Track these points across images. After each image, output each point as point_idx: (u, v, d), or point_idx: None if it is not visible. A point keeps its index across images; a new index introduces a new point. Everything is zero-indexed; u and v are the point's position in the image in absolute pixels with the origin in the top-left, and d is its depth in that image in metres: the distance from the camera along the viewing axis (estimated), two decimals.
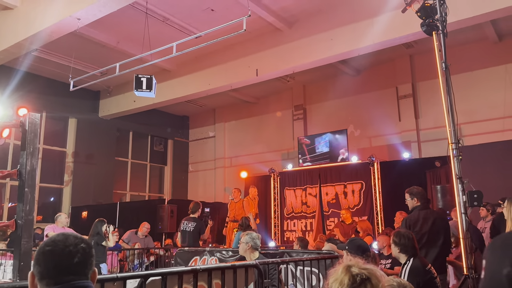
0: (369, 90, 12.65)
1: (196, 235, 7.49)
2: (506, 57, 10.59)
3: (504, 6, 7.50)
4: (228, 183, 15.04)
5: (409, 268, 3.52)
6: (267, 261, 3.95)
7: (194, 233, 7.44)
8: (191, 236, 7.43)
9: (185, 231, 7.56)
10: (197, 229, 7.51)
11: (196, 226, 7.56)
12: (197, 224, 7.59)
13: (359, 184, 10.73)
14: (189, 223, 7.62)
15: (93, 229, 7.30)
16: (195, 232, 7.47)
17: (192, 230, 7.49)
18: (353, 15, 9.13)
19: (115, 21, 9.66)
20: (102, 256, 7.16)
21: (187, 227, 7.59)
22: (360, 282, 1.51)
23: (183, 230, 7.62)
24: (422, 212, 4.74)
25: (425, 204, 4.86)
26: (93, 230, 7.30)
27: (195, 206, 7.80)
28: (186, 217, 7.88)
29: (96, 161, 14.06)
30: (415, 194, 4.85)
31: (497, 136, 9.57)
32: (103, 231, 7.32)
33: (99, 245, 7.13)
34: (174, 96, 12.43)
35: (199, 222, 7.70)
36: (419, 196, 4.84)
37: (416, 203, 4.82)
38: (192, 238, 7.41)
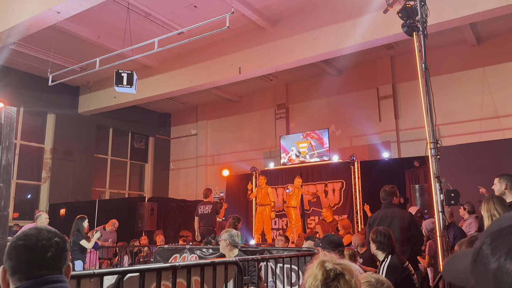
0: (350, 91, 12.78)
1: (214, 215, 8.38)
2: (484, 60, 10.83)
3: (483, 9, 7.66)
4: (210, 181, 14.98)
5: (387, 265, 3.56)
6: (246, 258, 3.94)
7: (211, 214, 8.34)
8: (210, 217, 8.33)
9: (204, 214, 8.39)
10: (214, 210, 8.40)
11: (212, 208, 8.42)
12: (213, 206, 8.48)
13: (340, 183, 10.83)
14: (206, 206, 8.47)
15: (74, 226, 7.20)
16: (212, 213, 8.35)
17: (209, 212, 8.35)
18: (336, 15, 9.20)
19: (96, 16, 9.50)
20: (79, 254, 7.04)
21: (205, 210, 8.42)
22: (333, 277, 1.53)
23: (201, 213, 8.42)
24: (382, 211, 4.92)
25: (388, 204, 4.94)
26: (74, 227, 7.19)
27: (207, 191, 8.67)
28: (201, 202, 8.75)
29: (75, 157, 13.83)
30: (381, 193, 5.01)
31: (475, 137, 9.78)
32: (84, 228, 7.22)
33: (77, 243, 7.03)
34: (155, 93, 12.31)
35: (215, 204, 8.63)
36: (383, 195, 4.99)
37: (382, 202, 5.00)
38: (211, 219, 8.32)
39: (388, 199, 4.96)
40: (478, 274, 0.65)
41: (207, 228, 8.28)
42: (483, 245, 0.65)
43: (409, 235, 4.70)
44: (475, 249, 0.67)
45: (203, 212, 8.43)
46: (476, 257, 0.66)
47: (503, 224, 0.66)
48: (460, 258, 0.80)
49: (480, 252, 0.65)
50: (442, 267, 0.95)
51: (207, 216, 8.33)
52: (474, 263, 0.66)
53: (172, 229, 12.16)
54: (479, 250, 0.66)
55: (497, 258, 0.61)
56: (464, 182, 6.19)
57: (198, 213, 8.51)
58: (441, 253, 4.11)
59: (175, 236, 11.26)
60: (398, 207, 4.96)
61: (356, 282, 1.55)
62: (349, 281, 1.53)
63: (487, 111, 10.56)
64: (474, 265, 0.67)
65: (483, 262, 0.64)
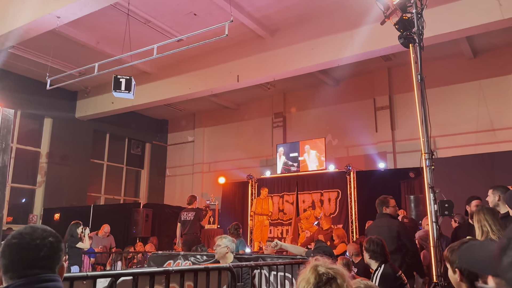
0: (347, 101, 12.85)
1: (196, 222, 8.33)
2: (480, 73, 10.93)
3: (479, 23, 7.77)
4: (206, 188, 14.97)
5: (380, 274, 3.57)
6: (240, 264, 3.94)
7: (194, 221, 8.30)
8: (192, 224, 8.28)
9: (186, 221, 8.36)
10: (196, 217, 8.35)
11: (195, 215, 8.38)
12: (196, 213, 8.43)
13: (336, 192, 10.85)
14: (189, 213, 8.45)
15: (68, 231, 7.21)
16: (194, 220, 8.31)
17: (192, 219, 8.32)
18: (334, 26, 9.29)
19: (96, 21, 9.56)
20: (75, 258, 7.04)
21: (187, 217, 8.40)
22: (326, 281, 1.54)
23: (184, 220, 8.40)
24: (376, 220, 4.96)
25: (379, 213, 4.97)
26: (68, 232, 7.19)
27: (191, 198, 8.69)
28: (184, 208, 8.75)
29: (71, 162, 13.79)
30: (376, 202, 5.01)
31: (470, 149, 9.83)
32: (79, 233, 7.22)
33: (73, 248, 7.02)
34: (153, 99, 12.33)
35: (197, 211, 8.59)
36: (377, 205, 5.01)
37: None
38: (193, 226, 8.26)
39: (379, 209, 4.99)
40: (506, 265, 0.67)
41: (191, 235, 8.25)
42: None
43: (399, 244, 4.70)
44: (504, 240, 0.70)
45: (186, 218, 8.41)
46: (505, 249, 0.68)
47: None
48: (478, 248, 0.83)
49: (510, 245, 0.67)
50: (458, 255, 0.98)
51: (190, 223, 8.32)
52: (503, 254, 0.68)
53: (166, 235, 12.10)
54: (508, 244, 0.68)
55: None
56: (459, 194, 6.22)
57: (181, 219, 8.49)
58: (435, 263, 4.11)
59: (170, 243, 11.21)
60: (390, 217, 4.96)
61: (348, 286, 1.56)
62: (341, 285, 1.54)
63: (483, 124, 10.64)
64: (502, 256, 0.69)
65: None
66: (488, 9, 7.59)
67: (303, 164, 11.67)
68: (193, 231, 8.26)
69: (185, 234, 8.28)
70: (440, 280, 4.09)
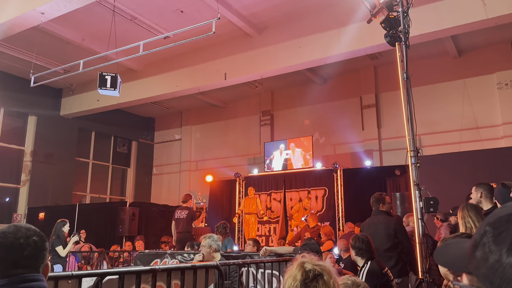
0: (334, 99, 12.91)
1: (189, 221, 8.32)
2: (465, 72, 11.09)
3: (463, 23, 7.88)
4: (193, 187, 14.91)
5: (367, 270, 3.60)
6: (228, 262, 3.93)
7: (186, 220, 8.28)
8: (185, 222, 8.26)
9: (179, 219, 8.34)
10: (189, 216, 8.33)
11: (188, 213, 8.35)
12: (189, 212, 8.39)
13: (323, 190, 10.90)
14: (182, 211, 8.42)
15: (54, 230, 7.03)
16: (187, 218, 8.29)
17: (185, 217, 8.30)
18: (321, 24, 9.32)
19: (81, 18, 9.43)
20: (57, 258, 6.85)
21: (181, 215, 8.38)
22: (312, 278, 1.55)
23: (177, 218, 8.38)
24: (371, 218, 5.01)
25: (376, 210, 5.02)
26: (54, 231, 7.02)
27: (186, 197, 8.65)
28: (179, 206, 8.75)
29: (55, 161, 13.60)
30: (371, 200, 5.09)
31: (455, 147, 9.98)
32: (64, 232, 7.05)
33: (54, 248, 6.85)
34: (139, 97, 12.23)
35: (191, 210, 8.54)
36: (372, 203, 5.07)
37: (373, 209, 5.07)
38: (186, 224, 8.25)
39: (375, 206, 5.04)
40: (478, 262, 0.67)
41: (184, 233, 8.26)
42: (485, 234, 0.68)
43: (396, 241, 4.76)
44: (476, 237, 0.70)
45: (179, 216, 8.44)
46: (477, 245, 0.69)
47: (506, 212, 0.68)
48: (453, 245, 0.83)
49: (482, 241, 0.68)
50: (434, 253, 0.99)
51: (183, 221, 8.33)
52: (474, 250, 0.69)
53: (153, 234, 12.03)
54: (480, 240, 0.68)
55: (499, 249, 0.64)
56: (444, 191, 6.31)
57: (175, 217, 8.54)
58: (420, 259, 4.17)
59: (156, 242, 11.14)
60: (386, 214, 5.02)
61: (334, 282, 1.57)
62: (328, 282, 1.55)
63: (467, 122, 10.80)
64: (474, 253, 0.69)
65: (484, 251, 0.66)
66: (473, 9, 7.70)
67: (289, 163, 11.70)
68: (187, 229, 8.27)
69: (178, 232, 8.30)
70: (425, 276, 4.15)
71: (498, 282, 0.63)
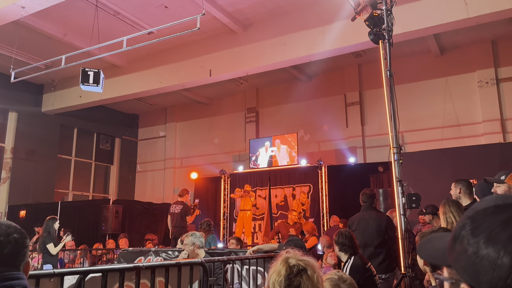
0: (319, 96, 12.98)
1: (183, 216, 8.33)
2: (447, 70, 11.26)
3: (446, 21, 8.00)
4: (178, 184, 14.82)
5: (350, 266, 3.65)
6: (212, 259, 3.93)
7: (180, 214, 8.31)
8: (178, 216, 8.30)
9: (173, 213, 8.41)
10: (183, 211, 8.33)
11: (182, 208, 8.35)
12: (183, 207, 8.40)
13: (307, 186, 10.96)
14: (177, 206, 8.48)
15: (44, 227, 6.94)
16: (181, 213, 8.32)
17: (178, 212, 8.33)
18: (306, 22, 9.35)
19: (63, 13, 9.27)
20: (48, 257, 6.75)
21: (175, 209, 8.44)
22: (296, 273, 1.56)
23: (172, 212, 8.45)
24: (362, 213, 5.07)
25: (367, 206, 5.09)
26: (44, 228, 6.92)
27: (183, 191, 8.74)
28: (175, 201, 8.84)
29: (37, 158, 13.37)
30: (362, 196, 5.18)
31: (437, 144, 10.12)
32: (55, 229, 6.96)
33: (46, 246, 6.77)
34: (123, 93, 12.09)
35: (185, 205, 8.52)
36: (363, 199, 5.16)
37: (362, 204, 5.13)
38: (180, 218, 8.28)
39: (368, 202, 5.12)
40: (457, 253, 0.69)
41: (178, 228, 8.29)
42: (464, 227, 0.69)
43: (386, 237, 4.83)
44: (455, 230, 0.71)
45: (173, 211, 8.48)
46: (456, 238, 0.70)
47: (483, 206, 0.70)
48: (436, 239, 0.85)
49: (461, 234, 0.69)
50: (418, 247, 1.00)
51: (176, 215, 8.38)
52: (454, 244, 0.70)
53: (137, 232, 11.94)
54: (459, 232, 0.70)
55: (477, 241, 0.65)
56: (426, 187, 6.40)
57: (170, 211, 8.60)
58: (403, 255, 4.23)
59: (140, 240, 11.06)
60: (376, 210, 5.10)
61: (318, 277, 1.59)
62: (312, 277, 1.56)
63: (449, 120, 10.98)
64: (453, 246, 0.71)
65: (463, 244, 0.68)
66: (455, 8, 7.82)
67: (274, 160, 11.73)
68: (181, 224, 8.30)
69: (173, 227, 8.35)
70: (407, 271, 4.21)
71: (475, 274, 0.64)
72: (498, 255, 0.62)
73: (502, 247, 0.62)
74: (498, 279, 0.61)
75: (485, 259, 0.63)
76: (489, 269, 0.62)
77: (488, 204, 0.69)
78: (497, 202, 0.68)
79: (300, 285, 1.54)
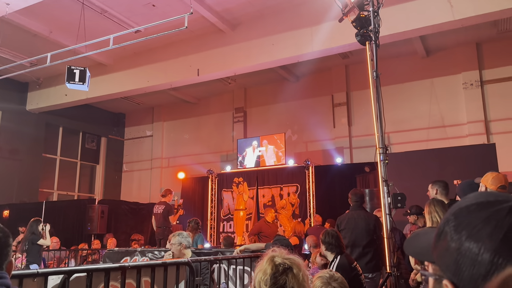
0: (307, 97, 13.02)
1: (165, 216, 8.35)
2: (432, 72, 11.40)
3: (432, 23, 8.10)
4: (165, 184, 14.72)
5: (336, 265, 3.67)
6: (199, 259, 3.92)
7: (163, 215, 8.34)
8: (161, 217, 8.33)
9: (156, 214, 8.44)
10: (165, 211, 8.35)
11: (164, 208, 8.37)
12: (165, 207, 8.42)
13: (295, 186, 10.99)
14: (159, 206, 8.49)
15: (28, 229, 7.17)
16: (164, 213, 8.34)
17: (161, 212, 8.36)
18: (295, 22, 9.38)
19: (49, 10, 9.14)
20: (35, 256, 6.92)
21: (158, 210, 8.45)
22: (282, 271, 1.57)
23: (155, 213, 8.48)
24: (351, 212, 5.11)
25: (357, 206, 5.14)
26: (28, 230, 7.12)
27: (166, 191, 8.75)
28: (158, 201, 8.81)
29: (21, 156, 13.17)
30: (352, 195, 5.25)
31: (422, 145, 10.24)
32: (39, 230, 7.11)
33: (34, 245, 6.95)
34: (109, 92, 11.97)
35: (168, 205, 8.52)
36: (353, 198, 5.20)
37: (351, 204, 5.18)
38: (163, 219, 8.30)
39: (359, 201, 5.17)
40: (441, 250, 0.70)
41: (162, 228, 8.30)
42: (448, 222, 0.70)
43: (374, 237, 4.88)
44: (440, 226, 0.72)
45: (156, 211, 8.49)
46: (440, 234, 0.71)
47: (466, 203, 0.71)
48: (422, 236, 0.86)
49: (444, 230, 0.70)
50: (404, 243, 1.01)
51: (159, 216, 8.40)
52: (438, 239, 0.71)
53: (123, 232, 11.84)
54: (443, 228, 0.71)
55: (459, 237, 0.66)
56: (411, 187, 6.47)
57: (153, 212, 8.61)
58: (388, 254, 4.27)
59: (126, 240, 10.97)
60: (365, 210, 5.16)
61: (303, 275, 1.60)
62: (297, 275, 1.57)
63: (434, 121, 11.11)
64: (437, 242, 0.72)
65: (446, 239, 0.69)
66: (441, 10, 7.92)
67: (262, 160, 11.74)
68: (164, 225, 8.31)
69: (157, 227, 8.38)
70: (393, 270, 4.25)
71: (456, 271, 0.65)
72: (478, 251, 0.63)
73: (482, 244, 0.63)
74: (478, 276, 0.62)
75: (466, 256, 0.64)
76: (469, 266, 0.63)
77: (471, 201, 0.70)
78: (480, 200, 0.69)
79: (286, 283, 1.55)
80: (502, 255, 0.61)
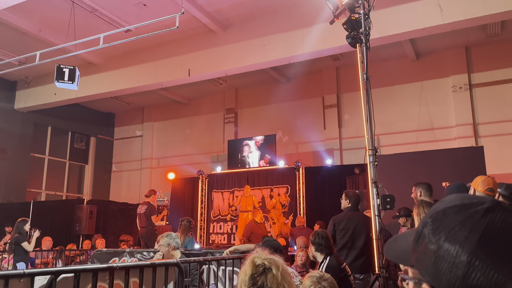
0: (298, 98, 13.06)
1: (148, 216, 8.39)
2: (422, 75, 11.50)
3: (422, 27, 8.18)
4: (155, 184, 14.63)
5: (326, 266, 3.68)
6: (188, 259, 3.90)
7: (145, 215, 8.38)
8: (144, 217, 8.38)
9: (140, 214, 8.50)
10: (147, 211, 8.40)
11: (147, 209, 8.41)
12: (147, 207, 8.46)
13: (285, 188, 11.01)
14: (142, 206, 8.56)
15: (15, 229, 7.17)
16: (146, 213, 8.38)
17: (143, 212, 8.41)
18: (286, 24, 9.40)
19: (38, 8, 9.05)
20: (21, 255, 6.90)
21: (141, 210, 8.50)
22: (261, 272, 1.60)
23: (138, 213, 8.53)
24: (349, 213, 5.15)
25: (355, 207, 5.17)
26: (15, 230, 7.13)
27: (150, 192, 8.85)
28: (142, 201, 8.92)
29: (8, 156, 13.00)
30: (350, 196, 5.30)
31: (411, 147, 10.33)
32: (26, 230, 7.11)
33: (19, 245, 6.88)
34: (99, 91, 11.87)
35: (150, 205, 8.58)
36: (352, 199, 5.23)
37: (347, 204, 5.22)
38: (145, 219, 8.35)
39: (356, 202, 5.20)
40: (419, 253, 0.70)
41: (145, 228, 8.33)
42: (425, 225, 0.71)
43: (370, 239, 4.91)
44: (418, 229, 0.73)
45: (140, 212, 8.55)
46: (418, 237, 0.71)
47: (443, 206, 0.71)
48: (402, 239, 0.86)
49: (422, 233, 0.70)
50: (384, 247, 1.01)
51: (141, 216, 8.45)
52: (416, 243, 0.72)
53: (112, 233, 11.76)
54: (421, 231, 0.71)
55: (437, 240, 0.67)
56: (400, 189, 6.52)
57: (137, 212, 8.65)
58: (377, 255, 4.29)
59: (115, 241, 10.89)
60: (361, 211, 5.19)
61: (283, 273, 1.62)
62: (276, 275, 1.60)
63: (423, 123, 11.21)
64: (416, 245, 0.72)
65: (424, 242, 0.69)
66: (430, 14, 8.00)
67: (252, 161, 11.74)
68: (146, 225, 8.33)
69: (141, 227, 8.40)
70: (381, 272, 4.27)
71: (435, 274, 0.65)
72: (456, 254, 0.63)
73: (459, 247, 0.64)
74: (456, 278, 0.62)
75: (444, 259, 0.64)
76: (447, 269, 0.64)
77: (447, 204, 0.71)
78: (455, 203, 0.70)
79: (264, 284, 1.57)
80: (479, 257, 0.62)
